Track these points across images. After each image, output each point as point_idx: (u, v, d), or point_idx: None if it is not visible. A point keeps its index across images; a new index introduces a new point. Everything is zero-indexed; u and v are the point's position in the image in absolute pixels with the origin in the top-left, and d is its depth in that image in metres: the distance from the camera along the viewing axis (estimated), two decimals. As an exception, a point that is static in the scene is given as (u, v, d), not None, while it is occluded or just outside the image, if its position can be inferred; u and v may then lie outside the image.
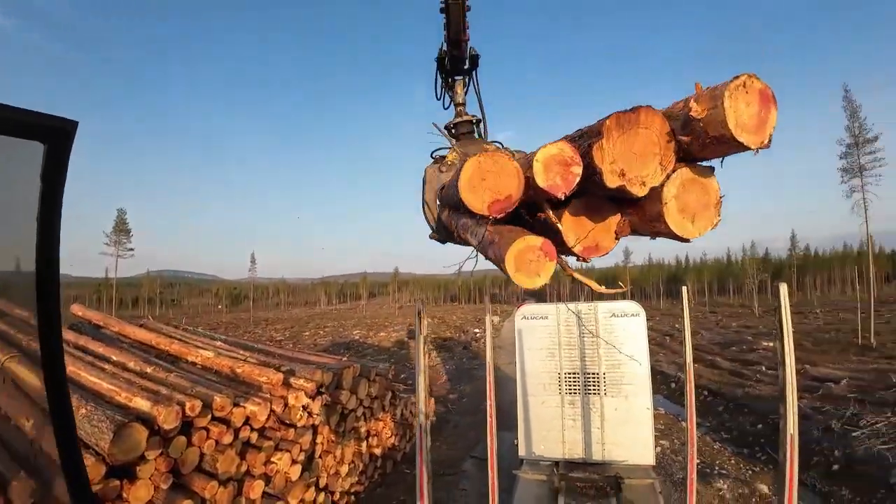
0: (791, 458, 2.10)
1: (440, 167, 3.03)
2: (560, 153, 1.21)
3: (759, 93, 1.07)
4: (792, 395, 2.16)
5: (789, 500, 2.12)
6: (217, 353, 7.26)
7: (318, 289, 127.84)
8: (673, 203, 1.22)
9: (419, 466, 2.48)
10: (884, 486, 7.57)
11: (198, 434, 4.76)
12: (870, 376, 14.16)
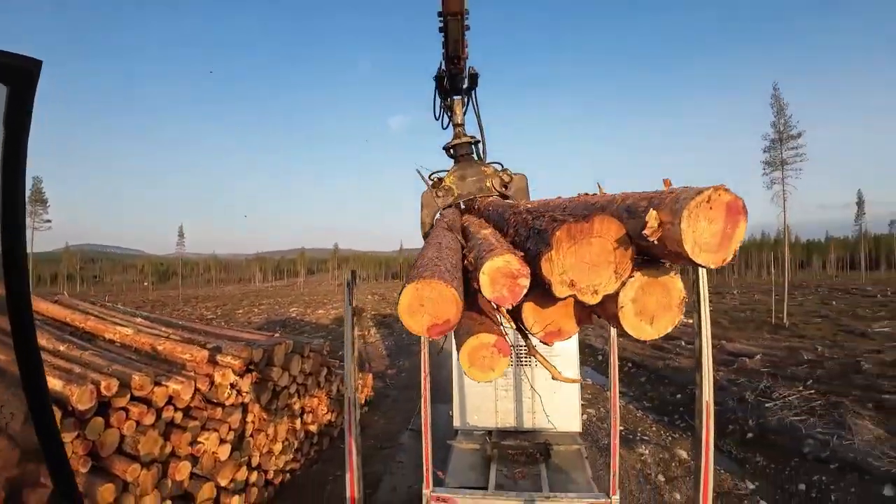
0: (707, 423, 2.24)
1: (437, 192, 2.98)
2: (506, 266, 1.16)
3: (727, 207, 0.94)
4: (707, 365, 2.30)
5: (706, 462, 2.25)
6: (136, 329, 6.80)
7: (252, 265, 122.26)
8: (630, 307, 1.13)
9: (348, 440, 2.46)
10: (797, 454, 8.21)
11: (116, 415, 4.49)
12: (782, 353, 15.44)
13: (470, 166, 2.98)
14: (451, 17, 2.49)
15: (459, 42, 2.62)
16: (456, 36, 2.58)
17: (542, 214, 1.35)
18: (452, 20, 2.51)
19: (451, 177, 2.95)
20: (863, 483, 6.94)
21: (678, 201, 0.94)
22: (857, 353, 13.78)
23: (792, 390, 10.77)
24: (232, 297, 53.61)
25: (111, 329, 6.62)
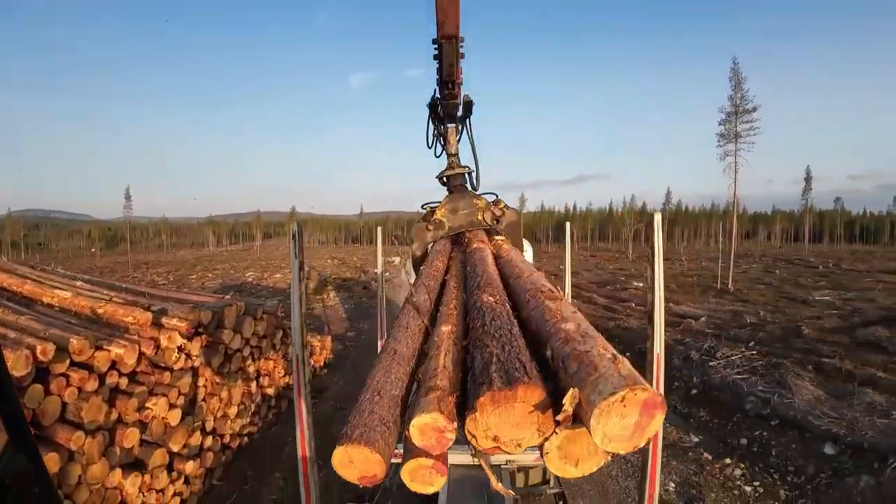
0: (657, 375, 2.28)
1: (427, 225, 2.96)
2: (433, 422, 1.19)
3: (642, 404, 0.92)
4: (659, 317, 2.31)
5: None
6: (76, 293, 6.38)
7: (205, 229, 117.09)
8: (554, 452, 1.14)
9: (297, 400, 2.38)
10: (739, 411, 8.72)
11: (56, 381, 4.25)
12: (726, 316, 16.27)
13: (462, 198, 2.96)
14: (447, 40, 2.52)
15: (454, 66, 2.62)
16: (451, 60, 2.59)
17: (487, 346, 1.34)
18: (447, 44, 2.54)
19: (443, 209, 2.93)
20: (803, 440, 7.36)
21: (595, 392, 0.95)
22: (797, 319, 14.57)
23: (735, 351, 11.33)
24: (184, 262, 51.49)
25: (49, 293, 6.21)
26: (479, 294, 1.82)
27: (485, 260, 2.45)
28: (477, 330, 1.55)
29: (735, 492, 6.53)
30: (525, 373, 1.14)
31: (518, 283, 2.02)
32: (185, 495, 5.54)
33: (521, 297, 1.83)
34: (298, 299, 2.28)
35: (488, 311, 1.61)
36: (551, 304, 1.57)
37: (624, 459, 7.40)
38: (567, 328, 1.33)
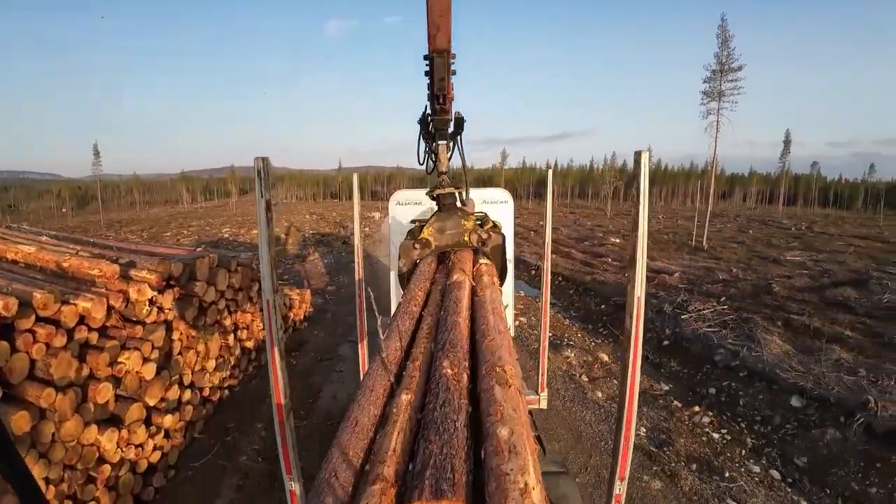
0: (637, 318, 2.23)
1: (414, 243, 2.97)
2: None
3: None
4: (642, 260, 2.24)
5: (634, 356, 2.27)
6: (40, 247, 6.08)
7: (178, 185, 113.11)
8: None
9: (269, 346, 2.29)
10: (708, 362, 9.06)
11: (22, 338, 4.07)
12: (699, 272, 16.73)
13: (450, 217, 2.95)
14: (438, 55, 2.52)
15: (445, 80, 2.61)
16: (442, 74, 2.58)
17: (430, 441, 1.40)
18: (439, 58, 2.53)
19: (431, 228, 2.94)
20: (770, 392, 7.63)
21: None
22: (769, 277, 14.99)
23: (707, 305, 11.70)
24: (158, 219, 50.05)
25: (13, 248, 5.90)
26: (441, 359, 1.88)
27: (459, 303, 2.48)
28: (428, 412, 1.61)
29: (703, 438, 6.84)
30: (452, 485, 1.22)
31: (482, 343, 2.09)
32: (165, 449, 5.52)
33: (480, 368, 1.89)
34: (267, 241, 2.14)
35: (443, 390, 1.68)
36: (499, 392, 1.65)
37: (597, 405, 7.67)
38: (501, 435, 1.41)
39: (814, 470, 5.88)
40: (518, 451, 1.33)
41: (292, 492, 2.53)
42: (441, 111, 2.82)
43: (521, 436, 1.41)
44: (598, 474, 5.94)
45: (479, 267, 3.06)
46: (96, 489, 4.56)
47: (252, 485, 5.52)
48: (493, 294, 2.70)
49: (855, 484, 5.50)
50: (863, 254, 21.62)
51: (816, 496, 5.51)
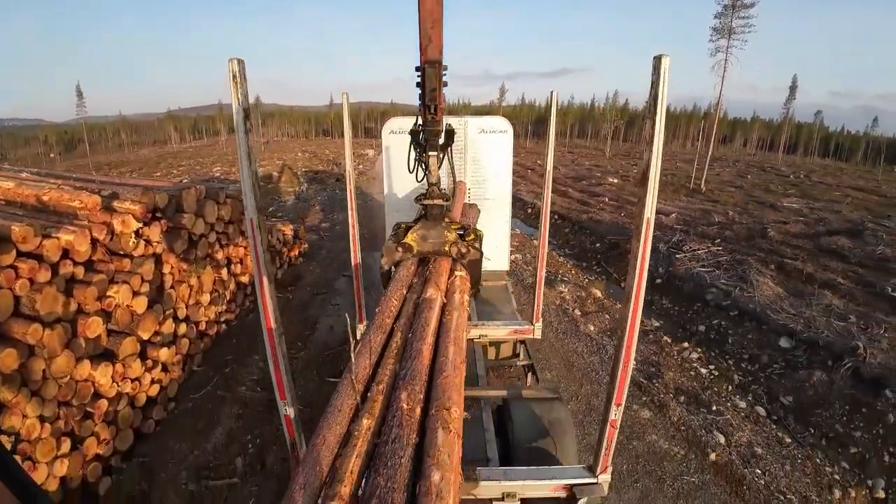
0: (645, 241, 2.12)
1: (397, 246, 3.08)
2: None
3: None
4: (654, 178, 2.08)
5: (639, 281, 2.18)
6: (19, 182, 5.80)
7: (166, 125, 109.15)
8: None
9: (256, 268, 2.16)
10: (700, 300, 9.15)
11: (4, 274, 3.92)
12: (696, 214, 16.70)
13: (435, 227, 3.06)
14: (430, 66, 2.58)
15: (437, 91, 2.67)
16: (434, 85, 2.64)
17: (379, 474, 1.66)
18: (430, 69, 2.59)
19: (414, 234, 3.05)
20: (760, 331, 7.74)
21: None
22: (764, 222, 14.94)
23: (702, 246, 11.74)
24: (147, 160, 48.75)
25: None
26: (400, 391, 2.11)
27: (427, 327, 2.64)
28: (381, 444, 1.85)
29: (691, 373, 7.00)
30: None
31: (438, 378, 2.28)
32: (164, 382, 5.58)
33: (432, 404, 2.09)
34: (246, 154, 1.95)
35: (396, 425, 1.91)
36: (441, 436, 1.87)
37: (589, 337, 7.80)
38: (433, 479, 1.65)
39: (799, 409, 6.02)
40: (443, 496, 1.61)
41: (286, 416, 2.51)
42: (432, 122, 2.87)
43: (448, 482, 1.69)
44: (589, 402, 6.11)
45: (454, 280, 3.25)
46: (94, 424, 4.58)
47: (251, 414, 5.64)
48: (460, 319, 2.87)
49: (839, 426, 5.64)
50: (859, 205, 21.50)
51: (800, 434, 5.65)
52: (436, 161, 3.16)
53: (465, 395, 3.56)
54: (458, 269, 3.33)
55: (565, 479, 2.79)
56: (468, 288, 3.31)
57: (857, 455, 5.24)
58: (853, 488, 4.83)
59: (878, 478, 4.94)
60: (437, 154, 3.17)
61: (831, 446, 5.43)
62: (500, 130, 5.56)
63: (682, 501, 4.68)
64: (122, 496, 4.56)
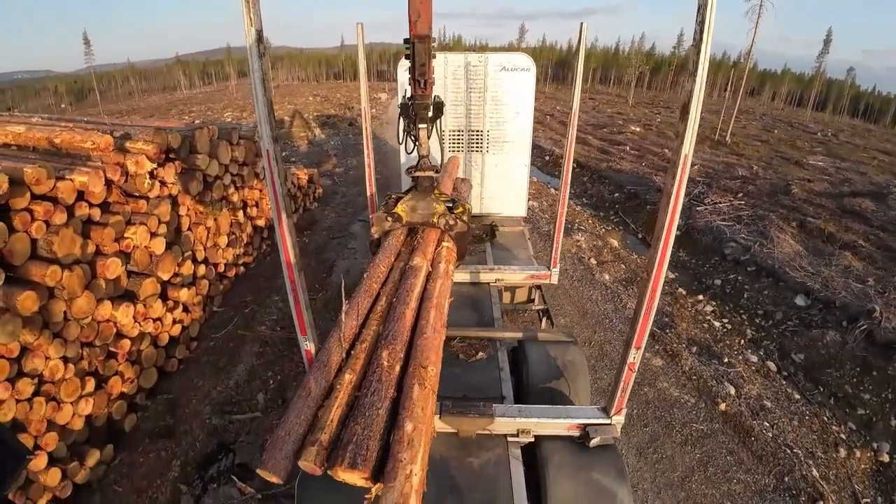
0: (680, 179, 2.00)
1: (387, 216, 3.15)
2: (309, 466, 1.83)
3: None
4: (696, 112, 1.93)
5: (670, 221, 2.09)
6: (30, 127, 5.71)
7: (175, 70, 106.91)
8: None
9: (273, 200, 2.09)
10: (718, 254, 8.99)
11: (19, 217, 3.85)
12: (719, 166, 16.15)
13: (424, 199, 3.10)
14: (419, 40, 2.63)
15: (426, 66, 2.72)
16: (423, 59, 2.69)
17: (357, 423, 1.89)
18: (419, 43, 2.64)
19: (404, 205, 3.11)
20: (776, 288, 7.62)
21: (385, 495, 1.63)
22: (788, 178, 14.41)
23: (724, 199, 11.43)
24: (158, 107, 48.14)
25: (2, 132, 5.47)
26: (382, 349, 2.27)
27: (411, 293, 2.78)
28: (362, 395, 2.04)
29: (704, 325, 6.97)
30: (364, 460, 1.72)
31: (419, 339, 2.43)
32: (186, 322, 5.72)
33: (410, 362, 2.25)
34: (261, 82, 1.84)
35: (376, 380, 2.08)
36: (416, 391, 2.02)
37: (604, 286, 7.77)
38: (406, 428, 1.83)
39: (810, 367, 5.99)
40: (414, 444, 1.78)
41: (307, 351, 2.54)
42: (421, 95, 2.91)
43: (420, 432, 1.84)
44: (602, 348, 6.16)
45: (440, 251, 3.36)
46: (118, 363, 4.69)
47: (271, 352, 5.82)
48: (443, 288, 2.98)
49: (849, 387, 5.61)
50: (885, 168, 20.49)
51: (810, 392, 5.65)
52: (425, 133, 3.17)
53: (483, 336, 3.62)
54: (445, 240, 3.44)
55: (580, 419, 2.83)
56: (454, 259, 3.43)
57: (865, 417, 5.25)
58: (858, 449, 4.86)
59: (883, 441, 4.95)
60: (426, 126, 3.19)
61: (839, 406, 5.44)
62: (523, 68, 5.27)
63: (689, 447, 4.77)
64: (147, 431, 4.77)
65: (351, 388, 2.10)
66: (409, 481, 1.63)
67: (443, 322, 2.67)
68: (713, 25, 1.86)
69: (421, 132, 3.15)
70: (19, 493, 3.64)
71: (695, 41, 1.86)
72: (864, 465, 4.70)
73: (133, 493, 4.17)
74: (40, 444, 3.81)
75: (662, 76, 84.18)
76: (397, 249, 3.36)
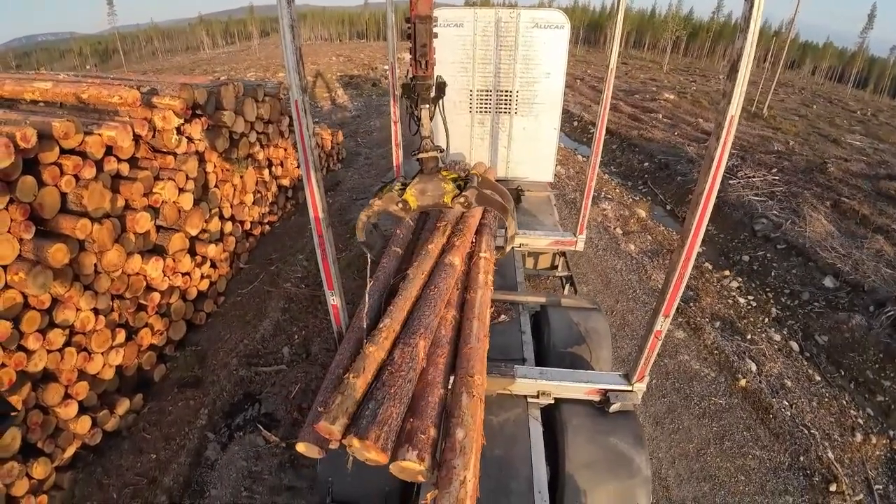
0: (724, 142, 1.90)
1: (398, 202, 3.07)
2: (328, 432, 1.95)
3: None
4: (745, 70, 1.81)
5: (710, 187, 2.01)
6: (57, 83, 5.71)
7: (197, 30, 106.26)
8: None
9: (301, 154, 2.06)
10: (747, 230, 8.71)
11: (48, 171, 3.87)
12: (754, 140, 15.47)
13: (431, 180, 3.02)
14: (420, 21, 2.60)
15: (427, 47, 2.70)
16: (424, 40, 2.67)
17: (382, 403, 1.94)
18: (420, 24, 2.61)
19: (413, 189, 3.01)
20: (805, 268, 7.41)
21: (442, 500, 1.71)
22: (825, 156, 13.79)
23: (757, 173, 11.04)
24: (182, 67, 48.06)
25: (29, 88, 5.43)
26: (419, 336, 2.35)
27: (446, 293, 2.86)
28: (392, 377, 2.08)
29: (729, 300, 6.84)
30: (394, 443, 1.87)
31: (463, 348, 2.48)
32: (213, 278, 5.85)
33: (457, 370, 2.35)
34: (290, 28, 1.78)
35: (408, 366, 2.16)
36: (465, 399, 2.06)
37: (629, 256, 7.64)
38: (457, 435, 1.87)
39: (832, 350, 5.89)
40: (466, 451, 1.81)
41: (334, 305, 2.57)
42: (423, 76, 2.87)
43: (471, 439, 1.87)
44: (624, 318, 6.11)
45: (478, 260, 3.36)
46: (148, 316, 4.83)
47: (296, 308, 5.94)
48: (484, 298, 2.97)
49: (871, 373, 5.50)
50: None
51: (831, 375, 5.57)
52: (427, 114, 3.09)
53: (506, 299, 3.61)
54: (483, 249, 3.49)
55: (601, 384, 2.83)
56: (492, 268, 3.43)
57: (884, 404, 5.17)
58: (875, 435, 4.79)
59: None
60: (428, 107, 3.09)
61: (859, 391, 5.36)
62: (557, 26, 5.02)
63: (707, 420, 4.77)
64: (176, 381, 4.96)
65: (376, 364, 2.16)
66: (464, 487, 1.69)
67: (485, 332, 2.68)
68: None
69: (423, 113, 3.06)
70: (48, 441, 3.80)
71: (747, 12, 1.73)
72: (878, 452, 4.65)
73: (162, 439, 4.36)
74: (71, 393, 3.95)
75: (700, 42, 80.00)
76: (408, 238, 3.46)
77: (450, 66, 5.20)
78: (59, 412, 3.82)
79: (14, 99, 5.51)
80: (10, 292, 3.52)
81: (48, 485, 3.73)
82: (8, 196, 3.53)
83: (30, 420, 3.63)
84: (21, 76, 6.57)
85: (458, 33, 5.05)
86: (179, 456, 4.15)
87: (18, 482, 3.47)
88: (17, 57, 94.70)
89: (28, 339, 3.62)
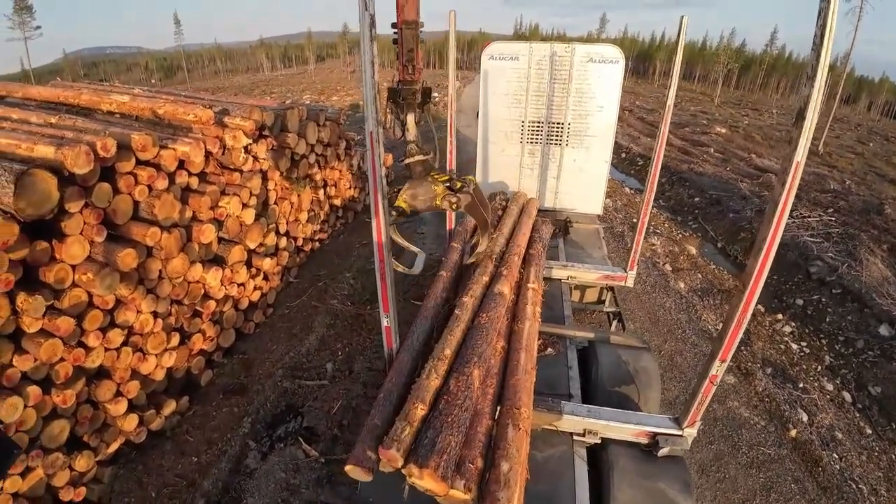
0: (790, 188, 1.88)
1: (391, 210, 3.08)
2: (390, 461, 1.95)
3: None
4: (812, 118, 1.80)
5: (774, 232, 1.98)
6: (134, 97, 6.21)
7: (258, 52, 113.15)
8: None
9: (372, 184, 2.17)
10: (802, 272, 8.38)
11: (124, 180, 4.14)
12: (809, 178, 14.89)
13: (421, 184, 3.07)
14: (407, 26, 2.62)
15: (414, 51, 2.71)
16: (411, 45, 2.68)
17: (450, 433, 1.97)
18: (407, 29, 2.63)
19: (404, 195, 3.07)
20: (860, 314, 7.08)
21: None
22: (882, 196, 13.16)
23: (813, 213, 10.63)
24: (242, 86, 51.11)
25: (107, 100, 5.87)
26: (474, 365, 2.37)
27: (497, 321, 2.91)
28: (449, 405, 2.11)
29: (781, 346, 6.57)
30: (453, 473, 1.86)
31: (510, 379, 2.51)
32: (264, 289, 6.10)
33: (503, 402, 2.38)
34: (371, 65, 1.91)
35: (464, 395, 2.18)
36: (511, 432, 2.08)
37: (678, 294, 7.41)
38: (502, 468, 1.89)
39: (886, 401, 5.66)
40: (510, 484, 1.82)
41: (387, 328, 2.64)
42: (410, 80, 2.91)
43: (516, 472, 1.88)
44: (672, 359, 5.90)
45: (527, 292, 3.41)
46: (202, 322, 5.05)
47: (341, 325, 6.07)
48: (531, 330, 2.98)
49: None
50: None
51: (882, 427, 5.35)
52: (412, 119, 3.14)
53: (553, 332, 3.59)
54: (531, 280, 3.55)
55: (651, 427, 2.75)
56: (539, 300, 3.47)
57: None
58: None
59: (949, 490, 4.56)
60: (414, 112, 3.16)
61: None
62: (612, 61, 5.07)
63: (754, 470, 4.57)
64: (221, 387, 5.12)
65: (432, 393, 2.19)
66: None
67: (533, 364, 2.70)
68: (835, 29, 1.72)
69: (409, 118, 3.11)
70: (94, 435, 3.95)
71: (814, 45, 1.74)
72: (923, 510, 4.38)
73: (204, 443, 4.48)
74: (122, 391, 4.13)
75: (752, 75, 77.79)
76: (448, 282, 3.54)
77: (503, 98, 5.34)
78: (109, 408, 3.99)
79: (91, 108, 5.94)
80: (76, 290, 3.72)
81: (88, 477, 3.86)
82: (83, 200, 3.77)
83: (80, 414, 3.81)
84: (98, 87, 7.14)
85: (513, 66, 5.18)
86: (220, 461, 4.26)
87: (60, 473, 3.62)
88: (85, 66, 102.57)
89: (89, 336, 3.80)
